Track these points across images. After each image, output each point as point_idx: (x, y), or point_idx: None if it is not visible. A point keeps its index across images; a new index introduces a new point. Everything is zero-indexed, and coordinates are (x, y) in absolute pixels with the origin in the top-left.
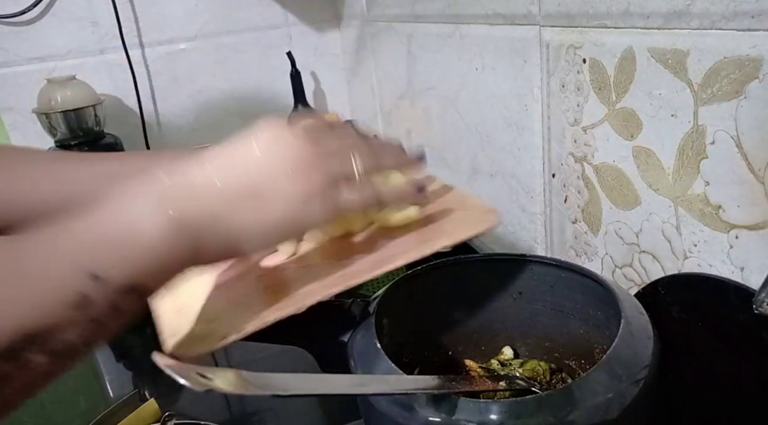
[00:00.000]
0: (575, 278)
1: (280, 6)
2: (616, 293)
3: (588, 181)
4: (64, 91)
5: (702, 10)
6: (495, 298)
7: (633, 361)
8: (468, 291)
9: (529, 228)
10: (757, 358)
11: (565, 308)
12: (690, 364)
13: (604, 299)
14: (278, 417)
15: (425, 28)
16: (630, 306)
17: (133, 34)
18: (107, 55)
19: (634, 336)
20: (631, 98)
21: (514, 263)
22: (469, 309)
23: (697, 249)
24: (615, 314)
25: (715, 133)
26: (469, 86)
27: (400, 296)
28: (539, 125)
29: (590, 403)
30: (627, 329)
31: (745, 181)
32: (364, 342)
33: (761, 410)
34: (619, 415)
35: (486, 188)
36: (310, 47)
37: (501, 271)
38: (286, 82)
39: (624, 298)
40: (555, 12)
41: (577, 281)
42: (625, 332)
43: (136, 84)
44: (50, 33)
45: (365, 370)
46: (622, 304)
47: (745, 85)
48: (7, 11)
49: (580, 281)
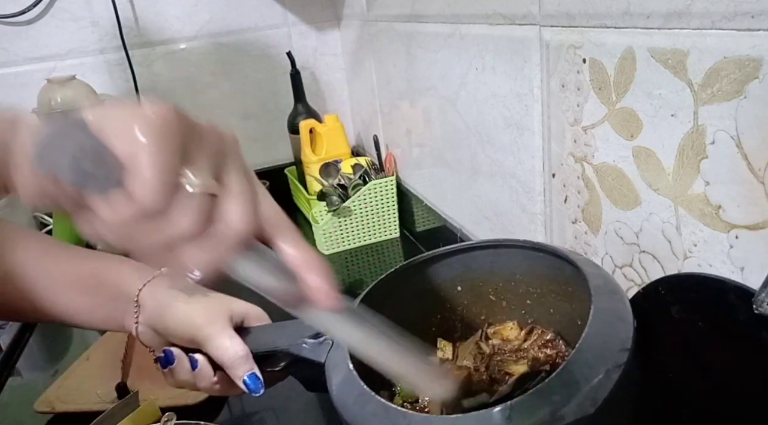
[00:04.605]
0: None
1: (280, 6)
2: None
3: (588, 181)
4: (64, 91)
5: (702, 10)
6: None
7: (605, 347)
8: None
9: (529, 228)
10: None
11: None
12: (690, 364)
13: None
14: (278, 417)
15: (425, 28)
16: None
17: (133, 34)
18: (107, 55)
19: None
20: (631, 98)
21: (485, 249)
22: (446, 302)
23: (697, 249)
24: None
25: (715, 133)
26: (469, 86)
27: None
28: (539, 125)
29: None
30: (597, 316)
31: (745, 181)
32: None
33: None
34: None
35: (486, 188)
36: (310, 47)
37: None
38: (286, 82)
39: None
40: (555, 12)
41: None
42: (595, 319)
43: (136, 84)
44: (50, 33)
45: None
46: (593, 289)
47: (745, 85)
48: (7, 11)
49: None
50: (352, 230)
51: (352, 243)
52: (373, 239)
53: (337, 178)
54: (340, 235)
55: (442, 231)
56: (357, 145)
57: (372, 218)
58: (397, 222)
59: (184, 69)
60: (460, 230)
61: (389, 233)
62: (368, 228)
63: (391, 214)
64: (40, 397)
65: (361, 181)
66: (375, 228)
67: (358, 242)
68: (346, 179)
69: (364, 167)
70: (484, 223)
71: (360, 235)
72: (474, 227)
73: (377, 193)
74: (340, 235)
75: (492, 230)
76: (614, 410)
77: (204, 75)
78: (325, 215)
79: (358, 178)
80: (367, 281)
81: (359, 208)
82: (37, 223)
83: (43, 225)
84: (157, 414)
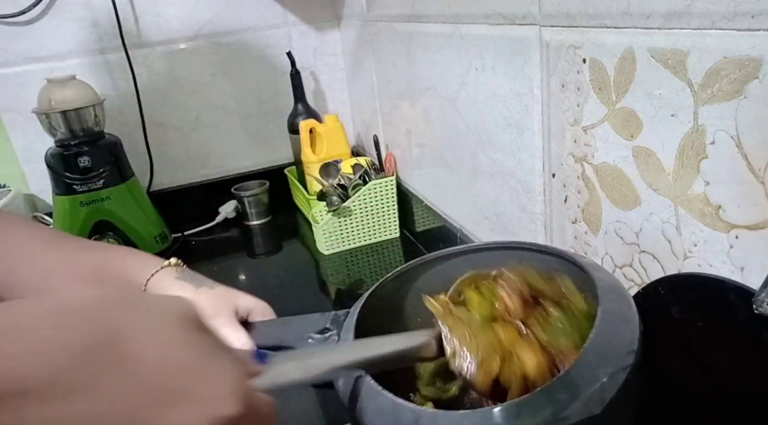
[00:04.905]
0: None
1: (280, 6)
2: (593, 278)
3: (588, 181)
4: (64, 91)
5: (702, 10)
6: None
7: (612, 349)
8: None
9: (529, 228)
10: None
11: None
12: (690, 364)
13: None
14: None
15: (425, 28)
16: (609, 292)
17: (133, 34)
18: (107, 55)
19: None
20: (631, 98)
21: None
22: None
23: (697, 249)
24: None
25: (715, 133)
26: (469, 86)
27: (379, 304)
28: (539, 125)
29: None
30: (605, 317)
31: (745, 181)
32: None
33: (761, 410)
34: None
35: (486, 188)
36: (310, 47)
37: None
38: (286, 82)
39: (604, 283)
40: (555, 12)
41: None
42: (603, 321)
43: (136, 84)
44: (50, 33)
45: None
46: (601, 291)
47: (745, 85)
48: (7, 11)
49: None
50: (352, 230)
51: (352, 243)
52: (373, 239)
53: (337, 178)
54: (340, 235)
55: (442, 231)
56: (357, 145)
57: (372, 218)
58: (397, 222)
59: (184, 69)
60: (460, 230)
61: (389, 233)
62: (368, 228)
63: (391, 214)
64: None
65: (361, 181)
66: (375, 228)
67: (358, 242)
68: (346, 179)
69: (364, 167)
70: (484, 223)
71: (360, 235)
72: (474, 227)
73: (377, 193)
74: (340, 235)
75: (492, 230)
76: (620, 410)
77: (204, 75)
78: (325, 215)
79: (358, 178)
80: (366, 281)
81: (359, 208)
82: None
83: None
84: None
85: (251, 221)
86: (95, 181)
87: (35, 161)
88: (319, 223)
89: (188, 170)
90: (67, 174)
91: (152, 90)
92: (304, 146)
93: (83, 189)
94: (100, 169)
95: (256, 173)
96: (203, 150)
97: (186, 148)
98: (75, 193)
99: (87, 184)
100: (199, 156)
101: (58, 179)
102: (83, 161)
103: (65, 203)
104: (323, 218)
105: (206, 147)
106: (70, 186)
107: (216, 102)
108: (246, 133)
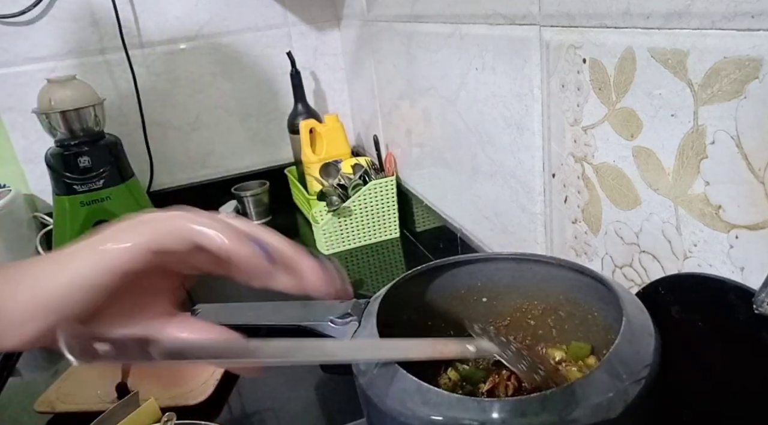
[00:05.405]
0: (576, 277)
1: (280, 6)
2: (617, 292)
3: (588, 181)
4: (64, 91)
5: (702, 10)
6: (495, 296)
7: (635, 360)
8: (468, 289)
9: (529, 228)
10: (757, 358)
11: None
12: (690, 364)
13: (605, 298)
14: (278, 417)
15: (425, 28)
16: (631, 305)
17: (133, 34)
18: (107, 55)
19: (636, 334)
20: (631, 98)
21: (513, 262)
22: (468, 306)
23: (697, 249)
24: (616, 313)
25: (715, 133)
26: (469, 86)
27: (401, 296)
28: (539, 125)
29: (593, 402)
30: (628, 328)
31: (745, 181)
32: None
33: (761, 410)
34: (622, 414)
35: (486, 188)
36: (310, 47)
37: (501, 270)
38: (286, 82)
39: (625, 297)
40: (555, 12)
41: (578, 280)
42: (627, 331)
43: (136, 84)
44: (50, 33)
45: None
46: (624, 303)
47: (745, 85)
48: (7, 11)
49: (580, 280)
50: (352, 230)
51: (352, 243)
52: (373, 239)
53: (337, 178)
54: (340, 235)
55: (442, 231)
56: (357, 145)
57: (372, 218)
58: (397, 222)
59: (184, 69)
60: (460, 230)
61: (389, 233)
62: (368, 228)
63: (391, 214)
64: (40, 397)
65: (361, 181)
66: (375, 228)
67: (358, 242)
68: (346, 179)
69: (364, 167)
70: (484, 223)
71: (360, 235)
72: (474, 227)
73: (377, 193)
74: (340, 235)
75: (492, 230)
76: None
77: (204, 75)
78: (325, 215)
79: (358, 178)
80: (367, 282)
81: (359, 208)
82: (38, 223)
83: (44, 225)
84: (157, 414)
85: (251, 220)
86: (95, 181)
87: (35, 161)
88: (319, 223)
89: (188, 170)
90: (67, 174)
91: (152, 90)
92: (304, 146)
93: (83, 189)
94: (100, 169)
95: (256, 173)
96: (203, 150)
97: (186, 148)
98: (75, 193)
99: (87, 184)
100: (199, 156)
101: (58, 179)
102: (83, 161)
103: (65, 203)
104: (323, 218)
105: (206, 147)
106: (70, 186)
107: (216, 102)
108: (246, 133)
